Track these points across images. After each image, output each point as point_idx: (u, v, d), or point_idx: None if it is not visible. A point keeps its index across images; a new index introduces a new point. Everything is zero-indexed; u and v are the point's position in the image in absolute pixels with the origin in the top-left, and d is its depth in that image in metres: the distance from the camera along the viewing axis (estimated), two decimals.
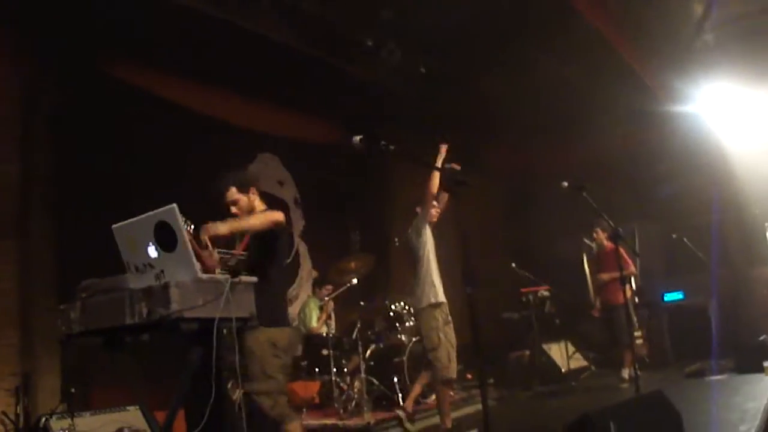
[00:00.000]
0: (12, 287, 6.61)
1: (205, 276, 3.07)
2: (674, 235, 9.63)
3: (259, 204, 4.79)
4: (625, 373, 9.20)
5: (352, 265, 8.31)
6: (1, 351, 6.45)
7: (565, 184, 6.18)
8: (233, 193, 4.71)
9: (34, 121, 6.81)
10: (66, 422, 5.35)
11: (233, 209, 4.67)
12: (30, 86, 6.78)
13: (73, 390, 6.17)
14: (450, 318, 6.56)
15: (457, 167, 5.02)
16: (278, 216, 4.53)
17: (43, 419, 5.18)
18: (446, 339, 6.50)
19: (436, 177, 5.93)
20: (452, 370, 6.56)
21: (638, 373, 6.38)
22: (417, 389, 7.20)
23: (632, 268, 9.35)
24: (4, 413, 5.93)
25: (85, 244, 6.01)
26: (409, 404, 7.19)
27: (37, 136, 6.84)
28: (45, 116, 6.86)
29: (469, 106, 10.26)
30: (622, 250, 9.17)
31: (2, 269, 6.53)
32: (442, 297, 6.50)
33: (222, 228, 4.12)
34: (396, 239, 9.59)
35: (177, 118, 7.71)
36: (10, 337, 6.55)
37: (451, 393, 7.15)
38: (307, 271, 9.78)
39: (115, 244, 3.50)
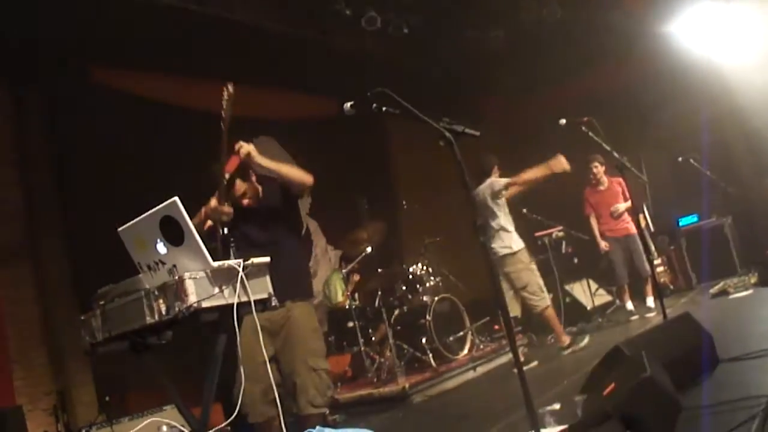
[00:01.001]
0: (33, 309, 6.65)
1: (216, 264, 3.05)
2: (680, 158, 9.58)
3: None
4: (650, 302, 9.27)
5: (364, 234, 8.31)
6: (34, 372, 6.50)
7: (563, 121, 6.13)
8: (239, 187, 4.73)
9: (30, 141, 6.80)
10: (106, 431, 5.41)
11: (244, 201, 4.71)
12: (21, 106, 6.77)
13: (107, 398, 6.23)
14: (532, 258, 8.11)
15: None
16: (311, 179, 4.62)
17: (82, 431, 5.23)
18: (534, 275, 7.88)
19: (535, 172, 7.68)
20: (545, 299, 7.89)
21: (663, 300, 6.34)
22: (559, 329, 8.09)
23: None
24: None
25: (96, 253, 6.01)
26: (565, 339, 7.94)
27: (33, 156, 6.84)
28: (39, 134, 6.85)
29: (458, 61, 10.20)
30: (623, 183, 9.24)
31: (22, 294, 6.56)
32: (521, 243, 7.93)
33: (263, 160, 4.36)
34: (404, 202, 9.62)
35: (170, 116, 7.68)
36: (39, 357, 6.59)
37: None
38: (321, 248, 9.79)
39: (125, 247, 3.49)
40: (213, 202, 4.46)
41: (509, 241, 7.86)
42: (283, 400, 4.40)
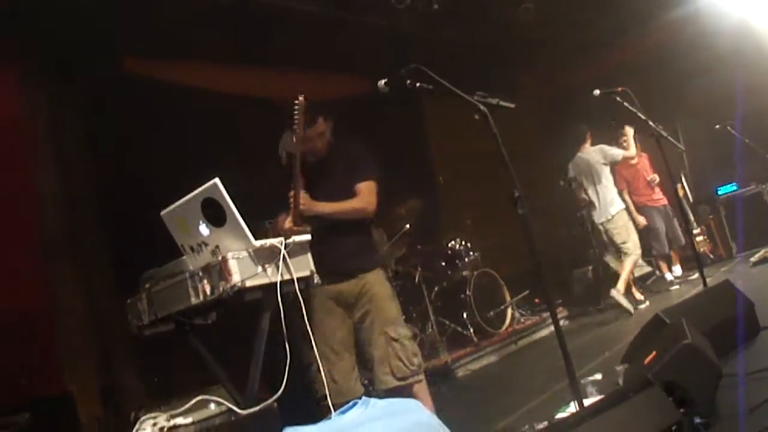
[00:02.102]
0: (77, 298, 6.72)
1: (258, 243, 3.10)
2: (717, 126, 9.49)
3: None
4: (677, 270, 9.33)
5: (402, 211, 8.32)
6: (82, 359, 6.58)
7: (597, 92, 6.09)
8: (320, 124, 4.51)
9: (65, 138, 6.86)
10: (154, 412, 5.50)
11: (318, 144, 4.49)
12: (56, 97, 6.83)
13: (156, 380, 6.33)
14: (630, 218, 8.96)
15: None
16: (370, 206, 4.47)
17: (132, 414, 5.31)
18: (631, 232, 8.75)
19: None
20: (638, 252, 8.74)
21: (703, 269, 6.30)
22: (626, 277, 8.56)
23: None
24: (97, 418, 6.09)
25: (136, 240, 6.06)
26: (622, 287, 8.43)
27: (69, 152, 6.90)
28: (75, 122, 6.92)
29: (490, 35, 10.15)
30: (645, 157, 9.24)
31: (66, 289, 6.64)
32: (622, 204, 8.87)
33: (321, 208, 4.19)
34: (441, 178, 9.61)
35: (208, 104, 7.69)
36: (85, 345, 6.68)
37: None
38: None
39: (166, 232, 3.55)
40: (287, 223, 4.13)
41: (611, 202, 8.79)
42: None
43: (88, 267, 6.81)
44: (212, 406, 3.25)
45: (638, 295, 8.84)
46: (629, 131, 9.07)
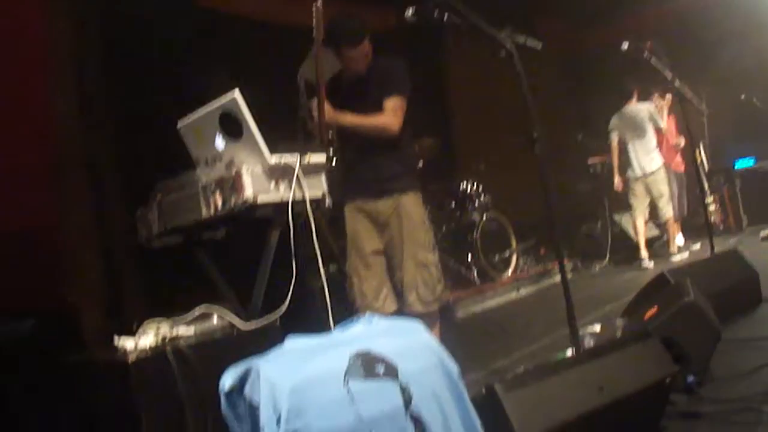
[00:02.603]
0: (87, 216, 6.73)
1: (274, 160, 3.09)
2: (743, 96, 9.41)
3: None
4: (680, 239, 9.35)
5: (416, 148, 8.21)
6: (90, 277, 6.61)
7: (626, 45, 5.99)
8: (366, 46, 4.33)
9: (82, 49, 6.82)
10: (162, 322, 5.54)
11: (361, 65, 4.35)
12: (72, 12, 6.77)
13: (160, 295, 6.37)
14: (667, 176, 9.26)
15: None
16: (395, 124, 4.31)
17: (135, 324, 5.36)
18: (668, 188, 9.15)
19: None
20: (671, 210, 9.13)
21: (712, 238, 6.30)
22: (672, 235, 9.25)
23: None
24: (101, 330, 6.14)
25: (151, 153, 6.05)
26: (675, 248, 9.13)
27: (86, 63, 6.87)
28: (91, 38, 6.87)
29: None
30: (672, 120, 9.22)
31: (75, 201, 6.64)
32: (661, 161, 9.13)
33: (345, 119, 4.10)
34: (459, 120, 9.58)
35: (227, 26, 7.64)
36: (92, 258, 6.72)
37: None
38: None
39: (181, 146, 3.54)
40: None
41: (653, 158, 9.09)
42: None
43: (100, 179, 6.82)
44: (215, 319, 3.27)
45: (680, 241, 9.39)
46: (667, 101, 9.07)
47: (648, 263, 8.79)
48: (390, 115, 4.26)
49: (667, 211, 9.08)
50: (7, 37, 5.76)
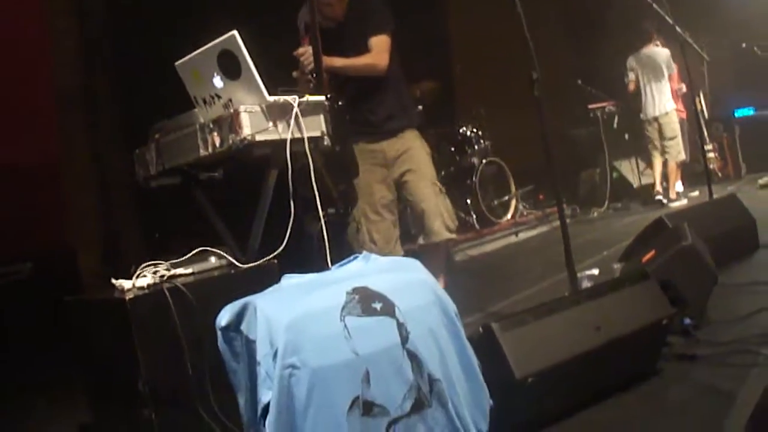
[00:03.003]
0: (85, 158, 6.70)
1: (272, 99, 3.07)
2: (744, 44, 9.36)
3: None
4: (679, 186, 9.36)
5: (417, 92, 8.19)
6: (88, 219, 6.61)
7: None
8: None
9: None
10: (159, 265, 5.54)
11: (336, 10, 4.29)
12: None
13: (157, 235, 6.38)
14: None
15: None
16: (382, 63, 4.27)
17: (132, 267, 5.37)
18: (679, 131, 9.25)
19: None
20: (682, 153, 9.27)
21: (711, 185, 6.30)
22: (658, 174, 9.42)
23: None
24: (98, 273, 6.14)
25: (150, 93, 6.00)
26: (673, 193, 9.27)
27: (91, 4, 6.79)
28: None
29: None
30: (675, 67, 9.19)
31: (75, 142, 6.61)
32: (674, 104, 9.27)
33: (334, 61, 4.03)
34: (458, 66, 9.51)
35: None
36: (92, 205, 6.69)
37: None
38: None
39: (179, 85, 3.51)
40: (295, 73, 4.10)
41: (668, 100, 9.28)
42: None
43: (96, 119, 6.79)
44: (212, 259, 3.27)
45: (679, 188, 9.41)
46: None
47: (664, 199, 9.08)
48: (376, 54, 4.24)
49: (680, 152, 9.26)
50: None
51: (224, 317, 2.25)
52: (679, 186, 9.44)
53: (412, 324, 2.31)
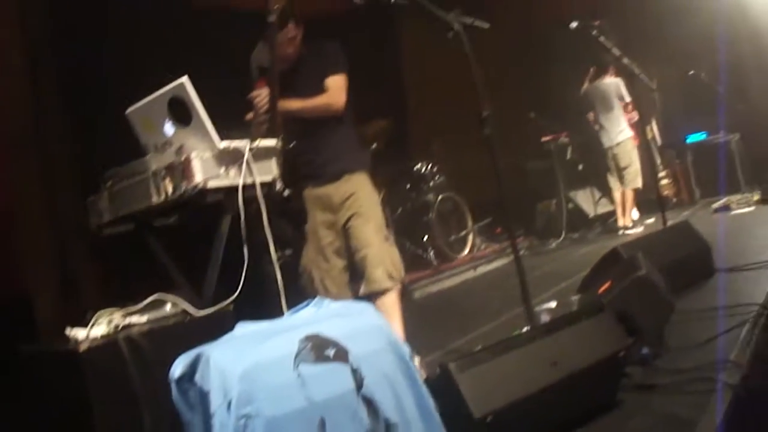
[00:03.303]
0: (38, 203, 6.61)
1: (223, 144, 3.07)
2: (691, 72, 9.56)
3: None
4: (635, 213, 9.49)
5: (371, 131, 8.21)
6: (43, 266, 6.51)
7: (574, 24, 6.04)
8: (291, 29, 4.27)
9: (33, 29, 6.68)
10: (114, 312, 5.47)
11: (289, 50, 4.29)
12: None
13: (113, 283, 6.30)
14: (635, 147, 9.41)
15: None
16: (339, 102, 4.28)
17: (89, 313, 5.29)
18: (635, 159, 9.32)
19: None
20: (638, 181, 9.31)
21: (665, 211, 6.38)
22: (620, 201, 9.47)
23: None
24: (53, 319, 6.04)
25: (101, 139, 5.97)
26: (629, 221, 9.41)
27: (36, 45, 6.74)
28: (42, 20, 6.73)
29: None
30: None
31: (26, 188, 6.52)
32: (629, 132, 9.37)
33: (290, 104, 4.05)
34: (412, 103, 9.57)
35: (181, 11, 7.50)
36: (46, 250, 6.60)
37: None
38: None
39: (130, 132, 3.49)
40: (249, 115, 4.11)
41: (621, 130, 9.37)
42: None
43: (50, 165, 6.71)
44: (168, 307, 3.24)
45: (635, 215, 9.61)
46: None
47: (630, 229, 9.16)
48: (333, 93, 4.25)
49: (636, 181, 9.31)
50: None
51: (178, 369, 2.22)
52: (635, 213, 9.56)
53: (367, 369, 2.30)
